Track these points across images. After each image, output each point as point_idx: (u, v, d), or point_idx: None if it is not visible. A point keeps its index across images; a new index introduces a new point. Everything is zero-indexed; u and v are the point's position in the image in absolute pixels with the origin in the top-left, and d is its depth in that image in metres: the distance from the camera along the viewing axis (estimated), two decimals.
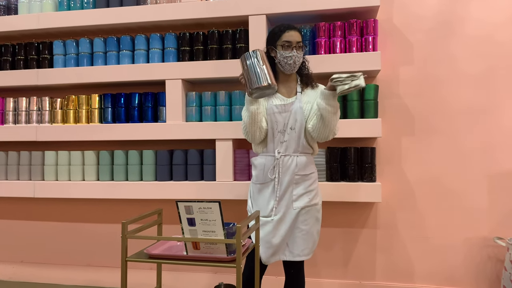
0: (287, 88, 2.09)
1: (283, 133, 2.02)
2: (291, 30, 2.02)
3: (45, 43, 3.05)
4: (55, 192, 2.92)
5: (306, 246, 2.01)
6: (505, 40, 2.62)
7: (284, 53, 1.99)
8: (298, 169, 2.00)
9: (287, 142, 2.01)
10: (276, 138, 2.03)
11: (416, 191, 2.71)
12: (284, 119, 2.01)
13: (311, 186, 2.04)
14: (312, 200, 2.02)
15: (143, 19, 2.82)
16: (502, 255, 2.59)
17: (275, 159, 2.00)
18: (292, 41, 1.99)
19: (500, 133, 2.62)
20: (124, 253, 1.65)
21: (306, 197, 2.01)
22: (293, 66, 2.02)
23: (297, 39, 2.01)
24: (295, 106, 2.02)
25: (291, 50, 1.99)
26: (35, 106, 3.04)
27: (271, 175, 2.00)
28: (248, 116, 1.99)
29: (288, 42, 1.99)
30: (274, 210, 1.99)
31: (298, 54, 2.00)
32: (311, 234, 2.02)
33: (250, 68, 1.85)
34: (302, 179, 2.01)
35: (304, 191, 2.01)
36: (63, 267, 3.17)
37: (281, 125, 2.02)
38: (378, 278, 2.75)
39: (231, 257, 1.63)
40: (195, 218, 1.63)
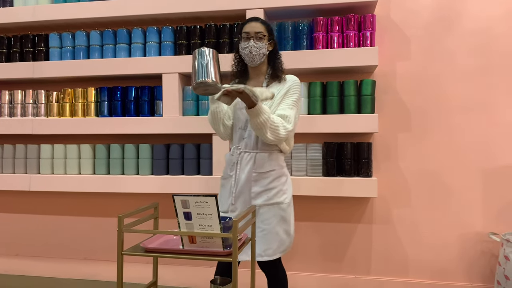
0: (255, 82, 2.05)
1: (245, 129, 1.99)
2: (252, 21, 1.99)
3: (41, 36, 3.03)
4: (51, 185, 2.91)
5: (268, 246, 1.93)
6: (502, 35, 2.63)
7: (242, 44, 1.97)
8: (256, 167, 1.95)
9: (247, 139, 1.98)
10: (238, 134, 2.02)
11: (412, 186, 2.72)
12: (245, 116, 1.96)
13: (271, 184, 1.96)
14: (273, 199, 1.95)
15: (140, 12, 2.80)
16: (496, 250, 2.61)
17: (237, 156, 1.99)
18: (250, 31, 1.96)
19: (496, 129, 2.63)
20: (120, 247, 1.65)
21: (264, 195, 1.95)
22: (251, 57, 1.96)
23: (255, 29, 1.96)
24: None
25: (248, 41, 1.95)
26: (31, 99, 3.02)
27: (230, 171, 2.00)
28: (209, 113, 2.02)
29: (246, 33, 1.96)
30: (230, 207, 1.98)
31: (255, 44, 1.94)
32: (274, 233, 1.94)
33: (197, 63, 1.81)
34: (260, 176, 1.95)
35: (262, 189, 1.95)
36: (59, 260, 3.17)
37: (242, 121, 1.99)
38: (373, 272, 2.77)
39: (228, 251, 1.63)
40: (191, 212, 1.63)
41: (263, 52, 1.97)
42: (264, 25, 1.99)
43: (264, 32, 1.97)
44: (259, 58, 1.98)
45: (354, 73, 2.76)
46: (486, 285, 2.64)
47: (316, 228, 2.82)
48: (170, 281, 2.94)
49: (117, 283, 1.65)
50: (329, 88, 2.62)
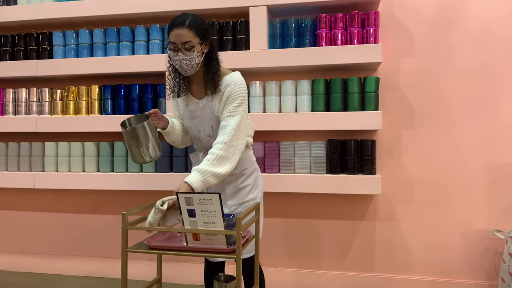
0: (198, 86, 1.90)
1: (201, 139, 1.92)
2: (176, 28, 1.74)
3: (45, 34, 3.03)
4: (56, 183, 2.93)
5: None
6: (505, 33, 2.61)
7: (171, 55, 1.78)
8: None
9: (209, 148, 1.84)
10: (197, 143, 1.97)
11: (416, 183, 2.71)
12: (197, 126, 1.90)
13: (245, 182, 1.93)
14: (247, 196, 1.93)
15: (143, 10, 2.80)
16: (501, 247, 2.60)
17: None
18: (176, 42, 1.74)
19: (499, 126, 2.62)
20: (124, 244, 1.65)
21: (239, 194, 1.92)
22: (184, 69, 1.78)
23: (182, 39, 1.72)
24: (206, 112, 1.85)
25: (177, 53, 1.75)
26: (35, 97, 3.03)
27: None
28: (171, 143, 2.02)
29: (173, 44, 1.75)
30: None
31: (184, 57, 1.74)
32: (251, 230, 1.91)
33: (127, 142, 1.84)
34: (232, 178, 1.91)
35: (235, 189, 1.92)
36: (64, 257, 3.18)
37: (195, 131, 1.92)
38: (377, 270, 2.77)
39: (231, 248, 1.64)
40: (195, 210, 1.63)
41: (195, 62, 1.77)
42: (192, 30, 1.74)
43: (193, 40, 1.74)
44: (193, 69, 1.79)
45: (358, 70, 2.75)
46: (491, 282, 2.63)
47: (319, 225, 2.82)
48: (174, 278, 2.95)
49: (121, 280, 1.66)
50: (333, 85, 2.62)
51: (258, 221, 1.84)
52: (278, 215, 2.86)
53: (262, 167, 2.68)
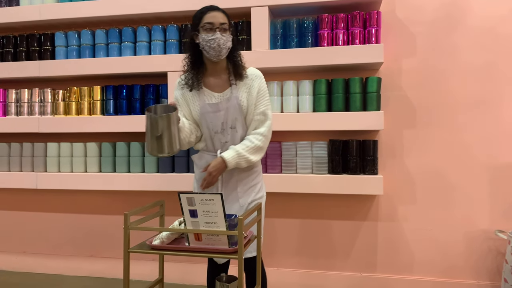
0: (217, 79, 1.91)
1: (223, 133, 1.88)
2: (213, 10, 1.82)
3: (47, 35, 3.04)
4: (58, 183, 2.93)
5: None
6: (508, 32, 2.60)
7: (206, 36, 1.79)
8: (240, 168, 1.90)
9: (229, 143, 1.88)
10: (215, 138, 1.90)
11: (418, 183, 2.71)
12: (220, 119, 1.87)
13: (255, 179, 1.96)
14: (258, 194, 1.95)
15: (145, 10, 2.81)
16: (503, 248, 2.60)
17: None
18: (214, 22, 1.79)
19: (502, 126, 2.61)
20: (126, 244, 1.65)
21: (251, 192, 1.94)
22: (218, 50, 1.80)
23: (220, 20, 1.80)
24: (232, 103, 1.85)
25: (214, 32, 1.79)
26: (37, 98, 3.04)
27: None
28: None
29: (210, 24, 1.79)
30: None
31: (222, 36, 1.79)
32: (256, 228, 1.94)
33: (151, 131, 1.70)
34: (246, 175, 1.93)
35: (247, 186, 1.93)
36: (66, 258, 3.19)
37: (218, 125, 1.87)
38: (379, 270, 2.76)
39: (233, 248, 1.64)
40: (197, 210, 1.63)
41: (229, 45, 1.84)
42: (226, 16, 1.85)
43: (228, 24, 1.83)
44: (226, 51, 1.84)
45: (360, 70, 2.75)
46: (493, 283, 2.63)
47: (321, 225, 2.82)
48: (176, 278, 2.95)
49: (123, 280, 1.66)
50: (335, 85, 2.62)
51: (260, 221, 1.84)
52: (280, 216, 2.86)
53: (264, 167, 2.68)
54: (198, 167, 1.99)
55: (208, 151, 1.95)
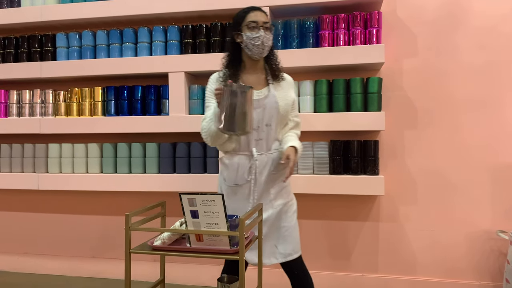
0: (255, 78, 1.94)
1: (258, 130, 1.88)
2: (256, 10, 1.88)
3: (48, 36, 3.05)
4: (59, 184, 2.94)
5: (296, 242, 1.94)
6: (509, 32, 2.60)
7: (250, 34, 1.84)
8: (273, 167, 1.91)
9: (263, 140, 1.89)
10: (251, 136, 1.88)
11: (419, 184, 2.71)
12: (259, 115, 1.87)
13: (286, 182, 1.96)
14: (289, 196, 1.96)
15: (145, 11, 2.81)
16: (505, 248, 2.59)
17: (251, 159, 1.89)
18: (258, 20, 1.84)
19: (503, 126, 2.61)
20: (127, 245, 1.66)
21: (284, 193, 1.94)
22: (262, 48, 1.86)
23: (263, 19, 1.86)
24: (269, 101, 1.88)
25: (258, 30, 1.83)
26: (39, 99, 3.04)
27: (247, 176, 1.89)
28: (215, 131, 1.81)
29: (254, 22, 1.84)
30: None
31: (266, 35, 1.85)
32: (295, 229, 1.95)
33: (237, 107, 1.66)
34: (277, 176, 1.93)
35: (280, 188, 1.93)
36: (67, 258, 3.19)
37: (256, 122, 1.87)
38: (380, 271, 2.76)
39: (234, 249, 1.64)
40: (198, 211, 1.63)
41: (270, 44, 1.90)
42: (267, 16, 1.92)
43: (269, 23, 1.90)
44: (267, 50, 1.90)
45: (360, 70, 2.74)
46: (495, 283, 2.62)
47: (322, 226, 2.82)
48: (177, 279, 2.95)
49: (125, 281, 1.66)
50: (335, 86, 2.62)
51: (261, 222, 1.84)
52: None
53: None
54: (228, 168, 1.94)
55: (241, 150, 1.92)
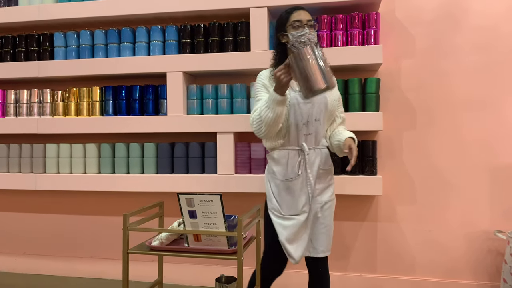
0: None
1: (307, 125, 1.89)
2: (298, 10, 1.91)
3: (46, 35, 3.04)
4: (57, 184, 2.93)
5: (329, 241, 1.96)
6: (508, 32, 2.60)
7: (296, 33, 1.86)
8: (322, 163, 1.92)
9: (312, 135, 1.90)
10: (301, 130, 1.89)
11: (417, 184, 2.71)
12: (309, 110, 1.89)
13: (331, 180, 2.00)
14: (333, 194, 1.99)
15: (144, 11, 2.81)
16: (503, 248, 2.60)
17: (301, 153, 1.90)
18: (302, 19, 1.87)
19: (501, 127, 2.61)
20: (125, 245, 1.65)
21: (328, 191, 1.96)
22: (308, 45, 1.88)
23: (306, 17, 1.88)
24: (318, 97, 1.88)
25: (303, 28, 1.85)
26: (36, 99, 3.03)
27: (297, 170, 1.89)
28: (271, 117, 1.77)
29: (298, 21, 1.87)
30: (305, 207, 1.89)
31: (311, 32, 1.87)
32: (331, 228, 1.97)
33: (316, 63, 1.64)
34: (324, 173, 1.94)
35: (325, 185, 1.95)
36: (66, 259, 3.18)
37: (306, 116, 1.88)
38: (378, 271, 2.77)
39: (232, 249, 1.64)
40: (196, 211, 1.63)
41: (315, 41, 1.90)
42: (310, 14, 1.93)
43: (312, 20, 1.91)
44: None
45: (359, 71, 2.75)
46: (493, 283, 2.63)
47: None
48: (175, 279, 2.95)
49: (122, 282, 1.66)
50: None
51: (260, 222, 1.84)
52: None
53: (263, 168, 2.68)
54: (279, 163, 1.94)
55: (290, 145, 1.92)
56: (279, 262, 1.98)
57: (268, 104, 1.77)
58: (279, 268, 2.00)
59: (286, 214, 1.89)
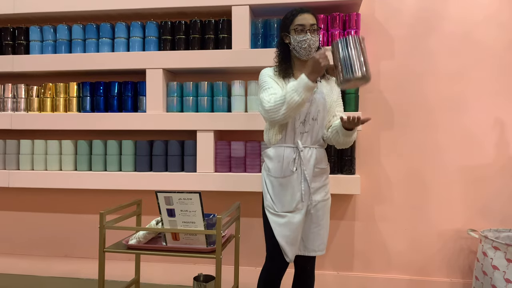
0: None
1: (304, 123, 1.92)
2: (304, 13, 1.92)
3: (21, 29, 2.96)
4: (31, 181, 2.86)
5: (322, 241, 1.97)
6: (482, 38, 2.68)
7: (297, 38, 1.90)
8: (317, 162, 1.94)
9: (308, 134, 1.92)
10: (298, 128, 1.92)
11: (394, 183, 2.76)
12: (307, 109, 1.91)
13: (327, 180, 2.01)
14: (327, 194, 2.00)
15: (123, 6, 2.76)
16: (475, 246, 2.67)
17: (296, 151, 1.91)
18: (305, 24, 1.89)
19: (475, 128, 2.68)
20: (102, 244, 1.63)
21: (322, 191, 1.97)
22: (309, 50, 1.91)
23: (310, 21, 1.90)
24: (317, 96, 1.93)
25: (305, 34, 1.89)
26: (10, 93, 2.95)
27: (292, 167, 1.90)
28: (296, 101, 1.75)
29: (301, 26, 1.89)
30: (299, 204, 1.90)
31: (312, 37, 1.89)
32: (325, 228, 1.99)
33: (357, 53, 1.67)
34: (320, 172, 1.96)
35: (321, 184, 1.96)
36: (39, 258, 3.11)
37: (303, 115, 1.91)
38: (355, 269, 2.80)
39: (211, 248, 1.63)
40: (175, 209, 1.62)
41: (317, 45, 1.94)
42: (315, 17, 1.94)
43: (316, 24, 1.93)
44: (314, 51, 1.93)
45: None
46: (465, 280, 2.70)
47: None
48: (152, 278, 2.92)
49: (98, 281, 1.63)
50: None
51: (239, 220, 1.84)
52: (258, 215, 2.86)
53: (243, 167, 2.68)
54: (273, 160, 1.95)
55: (286, 142, 1.94)
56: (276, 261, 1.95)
57: (297, 87, 1.76)
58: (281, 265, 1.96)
59: (280, 211, 1.90)
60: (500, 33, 2.66)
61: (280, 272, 1.96)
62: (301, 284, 2.04)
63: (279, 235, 1.87)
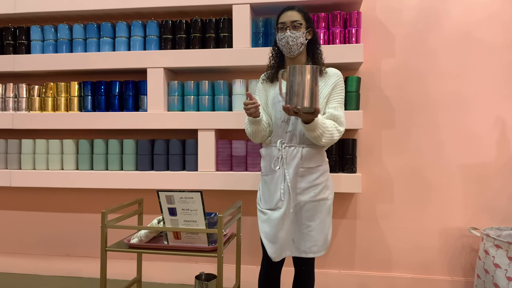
0: None
1: (288, 122, 1.92)
2: (288, 10, 1.93)
3: (22, 28, 2.96)
4: (33, 181, 2.86)
5: (314, 243, 1.90)
6: (483, 37, 2.67)
7: (279, 35, 1.91)
8: (303, 161, 1.90)
9: (291, 133, 1.91)
10: (281, 128, 1.93)
11: (395, 182, 2.76)
12: None
13: (318, 179, 1.93)
14: (319, 195, 1.92)
15: (124, 5, 2.76)
16: (477, 245, 2.67)
17: (279, 150, 1.91)
18: (286, 21, 1.89)
19: (477, 126, 2.68)
20: (103, 243, 1.63)
21: (311, 191, 1.91)
22: (288, 47, 1.90)
23: (291, 18, 1.89)
24: None
25: (284, 31, 1.89)
26: (12, 93, 2.95)
27: (274, 166, 1.91)
28: (249, 131, 1.95)
29: (282, 24, 1.91)
30: (279, 203, 1.89)
31: (291, 34, 1.88)
32: (319, 230, 1.92)
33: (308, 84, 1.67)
34: (307, 172, 1.91)
35: (308, 185, 1.91)
36: (41, 257, 3.12)
37: (284, 114, 1.91)
38: (357, 267, 2.80)
39: (212, 246, 1.64)
40: (176, 208, 1.62)
41: (300, 41, 1.90)
42: (300, 13, 1.93)
43: (300, 21, 1.91)
44: (297, 48, 1.91)
45: (340, 69, 2.76)
46: (467, 279, 2.70)
47: None
48: (154, 277, 2.93)
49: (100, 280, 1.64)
50: None
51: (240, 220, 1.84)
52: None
53: (244, 166, 2.68)
54: (264, 158, 2.02)
55: (273, 142, 1.97)
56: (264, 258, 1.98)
57: (247, 119, 1.93)
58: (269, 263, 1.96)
59: (263, 207, 1.94)
60: (502, 31, 2.66)
61: (271, 270, 1.96)
62: (299, 284, 2.04)
63: (261, 231, 1.91)
